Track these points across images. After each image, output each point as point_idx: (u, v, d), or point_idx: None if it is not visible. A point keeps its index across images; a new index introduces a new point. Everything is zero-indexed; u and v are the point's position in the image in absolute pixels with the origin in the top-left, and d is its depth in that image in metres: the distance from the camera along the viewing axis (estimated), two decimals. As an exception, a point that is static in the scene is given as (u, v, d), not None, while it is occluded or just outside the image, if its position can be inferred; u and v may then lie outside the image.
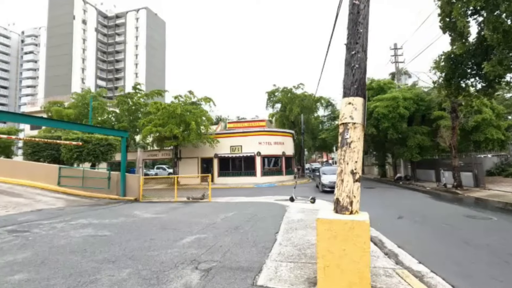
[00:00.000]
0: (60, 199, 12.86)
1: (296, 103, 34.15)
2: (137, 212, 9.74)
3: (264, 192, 17.33)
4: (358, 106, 3.26)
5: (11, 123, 37.27)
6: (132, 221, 8.10)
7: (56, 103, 30.49)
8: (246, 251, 5.07)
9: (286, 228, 7.05)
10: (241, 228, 6.98)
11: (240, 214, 8.99)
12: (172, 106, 23.69)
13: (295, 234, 6.37)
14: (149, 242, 5.74)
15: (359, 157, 3.19)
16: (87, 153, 16.68)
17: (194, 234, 6.35)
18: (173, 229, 6.89)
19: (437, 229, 7.17)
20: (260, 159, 26.31)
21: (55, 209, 10.70)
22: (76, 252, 5.10)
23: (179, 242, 5.71)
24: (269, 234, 6.34)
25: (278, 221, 7.91)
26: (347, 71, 3.40)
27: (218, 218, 8.39)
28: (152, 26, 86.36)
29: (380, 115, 19.49)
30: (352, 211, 3.08)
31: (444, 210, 10.20)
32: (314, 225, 7.46)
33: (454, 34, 8.14)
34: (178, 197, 14.29)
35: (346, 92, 3.37)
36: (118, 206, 11.61)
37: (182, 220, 8.16)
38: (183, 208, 10.82)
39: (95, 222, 7.92)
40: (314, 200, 11.74)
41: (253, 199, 13.51)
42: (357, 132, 3.22)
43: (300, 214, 9.09)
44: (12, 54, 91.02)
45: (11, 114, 13.72)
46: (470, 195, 13.60)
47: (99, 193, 14.16)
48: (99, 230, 6.91)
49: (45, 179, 15.22)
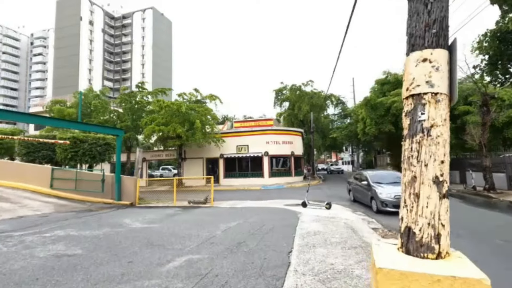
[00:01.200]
0: (49, 204, 11.75)
1: (305, 101, 32.62)
2: (127, 220, 8.48)
3: (272, 195, 15.93)
4: (441, 65, 1.86)
5: (14, 125, 36.88)
6: (116, 233, 6.82)
7: (58, 102, 29.72)
8: (249, 285, 3.71)
9: (301, 244, 5.66)
10: (245, 244, 5.62)
11: (244, 224, 7.63)
12: (176, 104, 22.52)
13: (313, 255, 4.98)
14: (125, 266, 4.43)
15: (446, 154, 1.79)
16: (83, 153, 15.59)
17: (186, 254, 5.02)
18: (161, 246, 5.57)
19: (494, 248, 5.67)
20: (267, 159, 24.91)
21: (39, 216, 9.55)
22: (22, 284, 3.83)
23: (163, 267, 4.38)
24: (280, 254, 4.97)
25: (290, 233, 6.53)
26: (416, 8, 2.00)
27: (219, 229, 7.05)
28: (159, 26, 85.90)
29: (399, 111, 17.86)
30: (440, 252, 1.68)
31: (488, 218, 8.63)
32: (335, 240, 6.08)
33: (506, 5, 6.61)
34: (179, 201, 13.04)
35: (416, 42, 1.98)
36: (109, 212, 10.39)
37: (175, 232, 6.84)
38: (181, 215, 9.52)
39: (73, 235, 6.68)
40: (330, 206, 10.30)
41: (260, 204, 12.14)
42: (441, 109, 1.83)
43: (315, 224, 7.68)
44: (22, 56, 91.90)
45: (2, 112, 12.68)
46: (506, 199, 11.97)
47: (92, 197, 13.02)
48: (71, 246, 5.65)
49: (38, 181, 14.19)
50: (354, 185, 12.70)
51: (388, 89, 20.86)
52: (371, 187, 10.35)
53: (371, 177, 10.96)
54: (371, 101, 19.43)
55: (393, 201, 9.17)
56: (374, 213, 9.74)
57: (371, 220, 8.86)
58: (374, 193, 9.99)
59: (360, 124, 21.23)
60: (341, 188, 19.70)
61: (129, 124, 24.60)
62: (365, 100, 19.98)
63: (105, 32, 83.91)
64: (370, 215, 9.60)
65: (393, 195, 9.33)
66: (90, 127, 14.40)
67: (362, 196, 11.31)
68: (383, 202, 9.49)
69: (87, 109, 26.47)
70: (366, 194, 10.85)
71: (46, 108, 30.54)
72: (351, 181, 13.17)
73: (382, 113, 18.93)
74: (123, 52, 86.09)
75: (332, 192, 17.59)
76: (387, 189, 9.70)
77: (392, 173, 11.43)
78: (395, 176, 10.69)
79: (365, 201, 11.02)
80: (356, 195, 12.23)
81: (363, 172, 12.29)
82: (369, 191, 10.48)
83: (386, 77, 21.81)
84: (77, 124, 13.35)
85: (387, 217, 9.05)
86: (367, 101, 19.64)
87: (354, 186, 12.59)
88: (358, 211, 10.47)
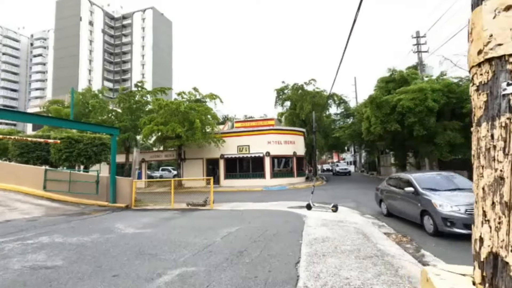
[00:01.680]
0: (40, 207, 11.18)
1: (307, 100, 31.97)
2: (119, 225, 7.89)
3: (274, 197, 15.32)
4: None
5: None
6: (105, 239, 6.23)
7: (56, 102, 29.22)
8: (253, 306, 3.12)
9: (309, 253, 5.06)
10: (246, 253, 5.02)
11: (246, 229, 7.04)
12: (175, 104, 21.98)
13: (324, 266, 4.38)
14: (108, 282, 3.84)
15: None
16: (78, 153, 15.01)
17: (179, 266, 4.42)
18: (153, 256, 4.98)
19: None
20: (269, 159, 24.30)
21: (27, 220, 8.97)
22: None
23: (151, 283, 3.79)
24: (286, 266, 4.38)
25: (296, 240, 5.94)
26: None
27: (218, 235, 6.45)
28: (159, 26, 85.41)
29: (406, 109, 17.25)
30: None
31: None
32: (347, 247, 5.47)
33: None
34: (178, 203, 12.46)
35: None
36: (103, 216, 9.80)
37: (169, 238, 6.25)
38: (178, 219, 8.93)
39: (57, 242, 6.09)
40: (337, 208, 9.71)
41: (263, 206, 11.54)
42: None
43: (323, 228, 7.08)
44: (22, 57, 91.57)
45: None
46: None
47: (87, 199, 12.44)
48: (53, 256, 5.06)
49: (31, 183, 13.64)
50: (388, 193, 9.23)
51: (393, 87, 20.22)
52: (422, 196, 7.15)
53: (418, 182, 7.70)
54: (376, 99, 18.80)
55: (464, 218, 6.04)
56: (429, 234, 6.69)
57: (381, 224, 8.27)
58: (429, 205, 6.78)
59: (365, 122, 20.59)
60: (346, 190, 19.11)
61: (128, 124, 24.06)
62: (370, 98, 19.34)
63: (105, 33, 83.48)
64: (380, 218, 9.00)
65: (463, 208, 6.18)
66: (83, 125, 13.85)
67: (405, 209, 8.11)
68: (446, 220, 6.28)
69: (85, 109, 25.94)
70: (412, 207, 7.59)
71: (43, 108, 30.03)
72: (384, 188, 9.65)
73: (387, 111, 18.30)
74: (123, 53, 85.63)
75: (337, 193, 16.96)
76: (451, 198, 6.63)
77: (446, 175, 8.21)
78: (451, 179, 7.92)
79: (410, 217, 7.84)
80: (394, 207, 8.87)
81: (404, 174, 9.02)
82: (417, 202, 7.27)
83: (391, 74, 21.17)
84: (68, 122, 12.76)
85: (398, 221, 8.44)
86: (372, 99, 19.01)
87: (389, 194, 9.16)
88: (366, 213, 9.87)
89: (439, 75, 20.15)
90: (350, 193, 16.42)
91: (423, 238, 6.48)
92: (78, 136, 15.24)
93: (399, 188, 8.47)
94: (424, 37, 22.46)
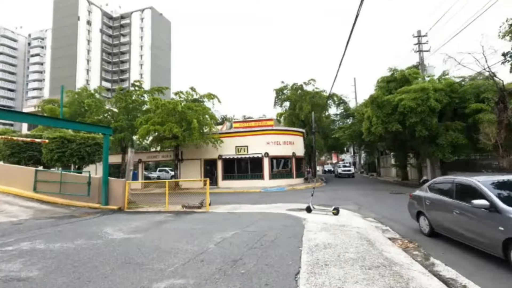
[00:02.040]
0: (29, 209, 10.73)
1: (306, 100, 31.58)
2: (108, 229, 7.45)
3: (273, 198, 14.91)
4: None
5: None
6: (90, 246, 5.80)
7: (51, 102, 28.74)
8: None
9: (310, 261, 4.64)
10: (241, 263, 4.60)
11: (242, 234, 6.61)
12: (172, 103, 21.56)
13: (327, 278, 3.96)
14: (84, 297, 3.42)
15: None
16: (70, 154, 14.56)
17: (167, 277, 4.00)
18: (139, 265, 4.55)
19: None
20: (268, 160, 23.88)
21: (13, 223, 8.52)
22: None
23: (133, 299, 3.37)
24: (285, 278, 3.96)
25: (296, 246, 5.53)
26: None
27: (212, 241, 6.02)
28: (157, 26, 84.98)
29: (407, 109, 16.88)
30: None
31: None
32: (350, 255, 5.04)
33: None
34: (173, 204, 12.03)
35: None
36: (93, 219, 9.36)
37: (159, 245, 5.81)
38: (171, 223, 8.49)
39: (39, 248, 5.65)
40: (338, 211, 9.29)
41: (261, 208, 11.11)
42: None
43: (324, 233, 6.66)
44: (19, 57, 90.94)
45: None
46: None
47: (78, 201, 12.00)
48: (29, 265, 4.62)
49: (21, 184, 13.20)
50: (435, 205, 6.39)
51: (394, 87, 19.86)
52: (506, 215, 4.42)
53: (493, 191, 4.95)
54: (377, 99, 18.43)
55: None
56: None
57: (385, 228, 7.85)
58: None
59: (366, 123, 20.21)
60: (346, 191, 18.68)
61: (124, 124, 23.63)
62: (371, 98, 18.97)
63: (103, 32, 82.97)
64: (384, 222, 8.59)
65: None
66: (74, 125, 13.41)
67: (468, 230, 5.29)
68: None
69: (81, 109, 25.49)
70: (483, 229, 4.91)
71: (38, 107, 29.56)
72: (426, 196, 6.77)
73: (389, 111, 17.93)
74: (121, 53, 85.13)
75: (337, 195, 16.56)
76: None
77: None
78: None
79: (480, 244, 5.03)
80: (444, 226, 6.03)
81: (462, 178, 5.88)
82: (497, 224, 4.52)
83: (392, 74, 20.82)
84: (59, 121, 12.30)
85: (404, 222, 8.04)
86: (373, 99, 18.64)
87: (437, 206, 6.32)
88: (368, 216, 9.46)
89: (441, 74, 19.81)
90: (350, 195, 16.03)
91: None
92: (71, 136, 14.80)
93: (458, 199, 5.67)
94: (425, 36, 22.11)
